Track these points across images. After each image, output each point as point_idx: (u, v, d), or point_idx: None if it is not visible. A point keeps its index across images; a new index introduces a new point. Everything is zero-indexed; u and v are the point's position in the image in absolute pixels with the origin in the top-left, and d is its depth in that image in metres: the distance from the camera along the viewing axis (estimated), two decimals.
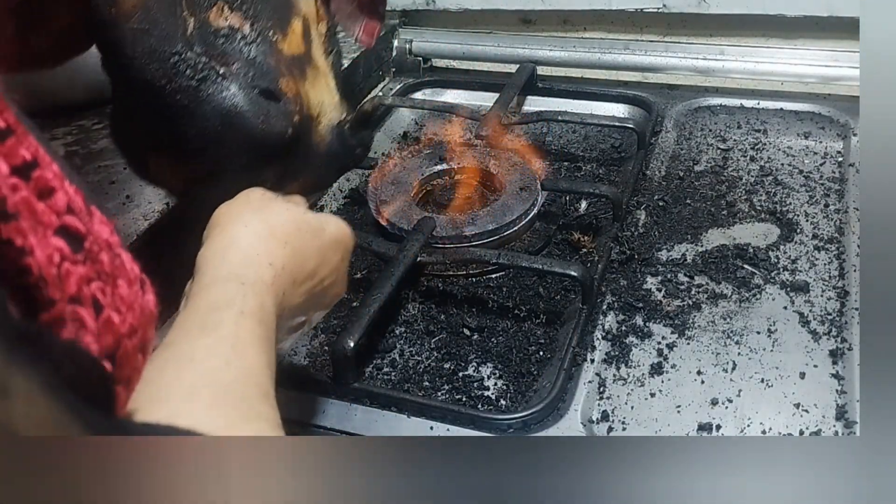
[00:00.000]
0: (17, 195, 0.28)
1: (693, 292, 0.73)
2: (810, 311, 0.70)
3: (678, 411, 0.62)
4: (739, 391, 0.63)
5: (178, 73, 0.53)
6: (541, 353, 0.69)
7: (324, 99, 0.61)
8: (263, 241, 0.51)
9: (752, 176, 0.89)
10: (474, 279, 0.78)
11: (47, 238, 0.29)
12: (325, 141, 0.61)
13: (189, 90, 0.53)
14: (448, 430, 0.61)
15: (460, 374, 0.68)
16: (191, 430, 0.36)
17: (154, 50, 0.52)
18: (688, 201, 0.85)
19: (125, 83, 0.55)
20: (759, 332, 0.68)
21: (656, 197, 0.86)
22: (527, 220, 0.82)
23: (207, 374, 0.43)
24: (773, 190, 0.86)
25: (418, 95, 1.13)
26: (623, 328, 0.70)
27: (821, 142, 0.94)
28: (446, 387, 0.67)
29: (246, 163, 0.57)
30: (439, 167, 0.90)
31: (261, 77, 0.56)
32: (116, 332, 0.33)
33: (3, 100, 0.30)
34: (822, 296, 0.72)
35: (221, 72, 0.54)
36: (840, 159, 0.91)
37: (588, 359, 0.67)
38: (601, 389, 0.64)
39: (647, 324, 0.70)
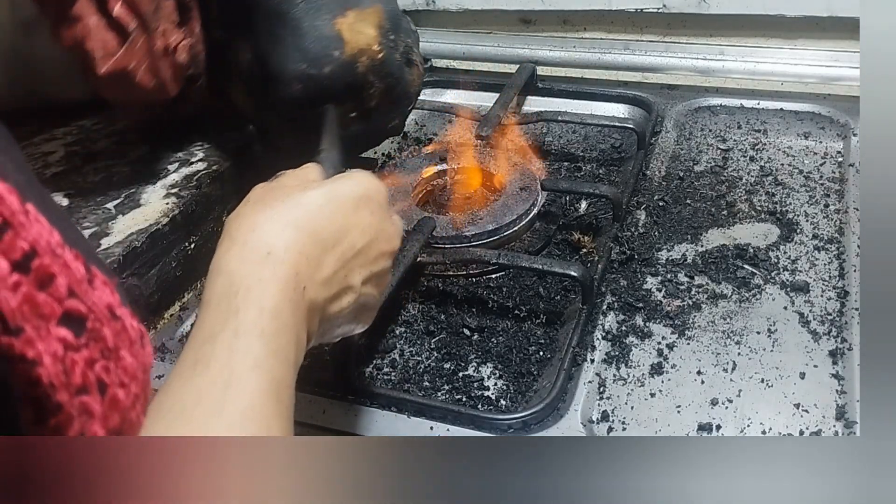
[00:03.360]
0: (20, 293, 0.28)
1: (693, 292, 0.73)
2: (810, 311, 0.70)
3: (678, 411, 0.62)
4: (739, 391, 0.63)
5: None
6: (541, 353, 0.69)
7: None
8: (260, 232, 0.47)
9: (752, 176, 0.89)
10: (474, 279, 0.78)
11: (50, 333, 0.29)
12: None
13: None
14: (448, 430, 0.61)
15: (460, 374, 0.68)
16: None
17: None
18: (688, 201, 0.85)
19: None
20: (759, 332, 0.68)
21: (656, 197, 0.86)
22: (527, 220, 0.82)
23: (197, 431, 0.38)
24: (773, 190, 0.86)
25: None
26: (623, 328, 0.70)
27: (821, 142, 0.94)
28: (446, 387, 0.67)
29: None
30: (439, 167, 0.90)
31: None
32: (121, 407, 0.33)
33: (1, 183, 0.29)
34: (822, 296, 0.72)
35: None
36: (840, 159, 0.91)
37: (588, 359, 0.67)
38: (601, 389, 0.64)
39: (647, 324, 0.70)
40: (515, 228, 0.81)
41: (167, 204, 0.77)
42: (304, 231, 0.48)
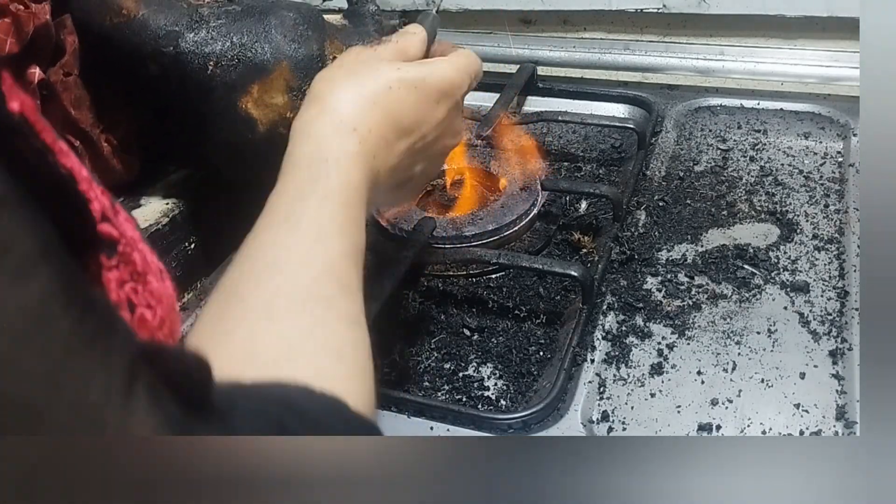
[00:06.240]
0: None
1: (693, 292, 0.73)
2: (810, 311, 0.70)
3: (678, 411, 0.62)
4: (739, 391, 0.63)
5: None
6: (541, 353, 0.69)
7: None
8: (349, 105, 0.50)
9: (752, 176, 0.89)
10: (474, 279, 0.78)
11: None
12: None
13: None
14: (448, 430, 0.61)
15: (460, 374, 0.68)
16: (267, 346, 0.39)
17: None
18: (688, 201, 0.85)
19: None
20: (759, 332, 0.68)
21: (656, 197, 0.86)
22: (527, 220, 0.82)
23: (287, 280, 0.43)
24: (773, 190, 0.86)
25: None
26: (623, 328, 0.70)
27: (821, 142, 0.94)
28: (446, 387, 0.67)
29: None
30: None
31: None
32: (150, 327, 0.34)
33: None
34: (822, 296, 0.72)
35: None
36: (840, 159, 0.91)
37: (588, 359, 0.67)
38: (601, 389, 0.64)
39: (647, 324, 0.70)
40: (515, 228, 0.81)
41: (167, 204, 0.77)
42: (389, 115, 0.51)
